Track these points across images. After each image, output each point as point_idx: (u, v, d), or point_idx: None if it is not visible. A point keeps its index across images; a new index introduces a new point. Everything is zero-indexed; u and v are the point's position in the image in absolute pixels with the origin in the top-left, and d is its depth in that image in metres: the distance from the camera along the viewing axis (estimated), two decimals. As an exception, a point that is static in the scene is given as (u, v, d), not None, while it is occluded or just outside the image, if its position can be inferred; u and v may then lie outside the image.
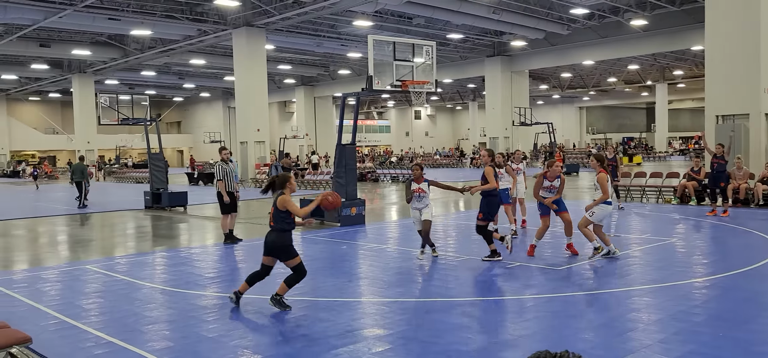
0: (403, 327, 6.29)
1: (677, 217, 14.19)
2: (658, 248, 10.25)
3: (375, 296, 7.78)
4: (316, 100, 55.31)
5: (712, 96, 17.49)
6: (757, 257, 9.16)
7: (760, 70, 16.41)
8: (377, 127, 75.54)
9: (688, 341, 5.57)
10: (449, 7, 27.83)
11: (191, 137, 69.92)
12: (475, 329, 6.10)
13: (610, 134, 73.16)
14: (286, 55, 41.45)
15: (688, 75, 50.47)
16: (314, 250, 11.19)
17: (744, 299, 6.95)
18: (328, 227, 13.97)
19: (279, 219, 6.84)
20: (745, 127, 16.66)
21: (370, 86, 13.18)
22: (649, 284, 7.86)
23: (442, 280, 8.44)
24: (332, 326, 6.33)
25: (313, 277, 8.79)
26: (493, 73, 41.22)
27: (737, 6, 16.71)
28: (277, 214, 6.85)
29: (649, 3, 29.12)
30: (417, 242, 9.98)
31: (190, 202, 19.76)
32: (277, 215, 6.85)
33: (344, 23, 31.67)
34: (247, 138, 32.00)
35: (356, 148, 16.78)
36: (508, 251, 9.11)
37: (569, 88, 58.21)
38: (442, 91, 63.09)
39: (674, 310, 6.58)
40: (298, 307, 7.13)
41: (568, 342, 5.69)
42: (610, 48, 36.11)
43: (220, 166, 12.10)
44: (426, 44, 14.18)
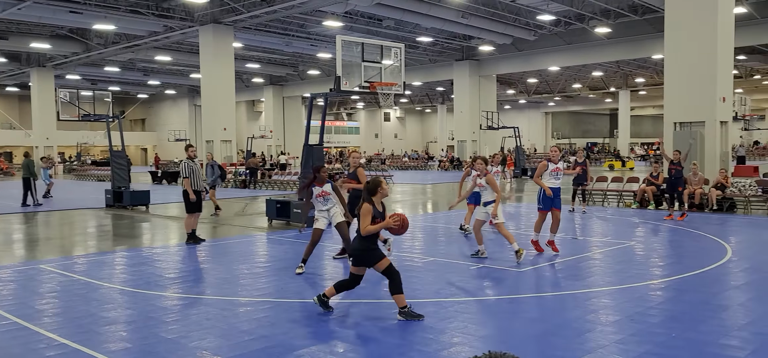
0: (370, 329, 6.29)
1: (636, 220, 14.51)
2: (617, 251, 10.47)
3: (339, 297, 7.75)
4: (285, 100, 54.96)
5: (671, 104, 17.95)
6: (710, 260, 9.43)
7: (716, 80, 16.91)
8: (346, 129, 75.42)
9: (644, 341, 5.70)
10: (419, 10, 27.98)
11: (155, 135, 68.75)
12: (436, 330, 6.13)
13: (574, 139, 74.47)
14: (255, 53, 41.08)
15: (650, 83, 51.70)
16: (279, 251, 11.12)
17: (698, 301, 7.15)
18: (294, 228, 13.88)
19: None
20: (701, 135, 17.14)
21: (338, 87, 13.16)
22: (607, 285, 8.03)
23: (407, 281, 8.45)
24: (294, 327, 6.30)
25: (276, 278, 8.73)
26: (461, 77, 41.57)
27: (695, 18, 17.18)
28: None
29: (613, 11, 29.74)
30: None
31: (152, 201, 19.41)
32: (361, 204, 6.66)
33: (314, 23, 31.55)
34: (214, 137, 31.60)
35: (324, 149, 16.71)
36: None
37: (536, 93, 59.04)
38: (412, 93, 63.35)
39: (631, 311, 6.72)
40: (261, 308, 7.07)
41: (527, 343, 5.77)
42: (575, 54, 36.78)
43: (186, 164, 11.91)
44: (394, 46, 14.22)
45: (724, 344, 5.62)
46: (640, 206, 16.90)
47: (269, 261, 10.09)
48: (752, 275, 8.52)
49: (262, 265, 9.78)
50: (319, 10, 28.39)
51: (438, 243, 11.94)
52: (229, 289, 8.09)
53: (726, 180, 16.26)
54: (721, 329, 6.06)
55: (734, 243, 11.10)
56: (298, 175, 15.26)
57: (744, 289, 7.78)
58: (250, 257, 10.59)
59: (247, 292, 7.93)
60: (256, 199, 21.38)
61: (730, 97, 18.43)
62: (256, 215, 16.85)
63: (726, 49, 17.34)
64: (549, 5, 28.08)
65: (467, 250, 10.59)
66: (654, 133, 68.85)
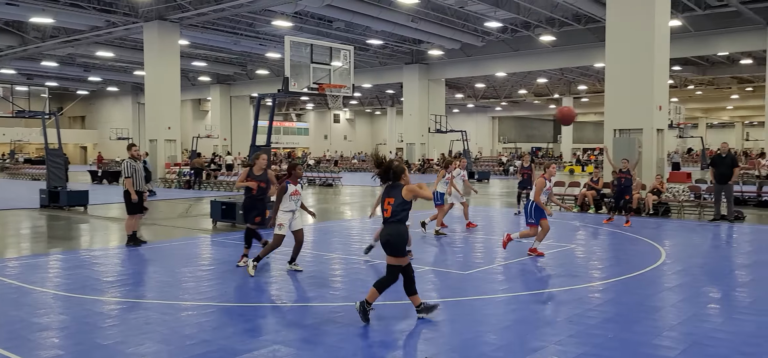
0: (313, 332, 6.25)
1: (577, 224, 14.95)
2: (558, 254, 10.75)
3: (283, 300, 7.69)
4: (233, 99, 54.07)
5: (611, 111, 18.59)
6: (645, 263, 9.81)
7: (653, 89, 17.61)
8: (295, 130, 74.80)
9: (582, 343, 5.88)
10: (369, 13, 28.05)
11: (97, 133, 66.43)
12: (380, 332, 6.15)
13: (520, 144, 76.15)
14: (202, 51, 40.25)
15: (592, 90, 53.37)
16: (223, 253, 10.92)
17: (633, 302, 7.42)
18: (240, 230, 13.66)
19: (400, 211, 6.44)
20: (639, 141, 17.81)
21: (286, 88, 13.06)
22: (549, 287, 8.24)
23: (351, 284, 8.45)
24: (237, 331, 6.20)
25: (220, 281, 8.58)
26: (410, 81, 41.90)
27: (633, 30, 17.86)
28: (399, 206, 6.43)
29: (557, 20, 30.57)
30: (329, 246, 9.96)
31: (91, 201, 18.74)
32: (398, 207, 6.44)
33: (263, 22, 31.16)
34: (158, 136, 30.78)
35: (272, 150, 16.54)
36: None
37: (483, 98, 60.09)
38: (362, 95, 63.43)
39: (571, 313, 6.92)
40: (204, 312, 6.93)
41: (469, 345, 5.86)
42: (521, 61, 37.63)
43: (128, 164, 11.54)
44: (344, 48, 14.21)
45: (657, 344, 5.85)
46: (581, 210, 17.42)
47: (213, 264, 9.90)
48: (684, 277, 8.90)
49: (206, 268, 9.58)
50: (268, 10, 28.07)
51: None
52: (170, 292, 7.89)
53: (661, 186, 16.94)
54: (654, 330, 6.30)
55: (668, 246, 11.57)
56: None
57: (676, 290, 8.12)
58: (193, 259, 10.37)
59: (190, 295, 7.76)
60: (201, 200, 20.94)
61: (666, 106, 19.25)
62: (200, 217, 16.50)
63: (662, 60, 18.09)
64: (496, 13, 28.63)
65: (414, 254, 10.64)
66: (595, 139, 71.07)
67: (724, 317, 6.82)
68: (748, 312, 6.95)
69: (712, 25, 29.70)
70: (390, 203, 6.43)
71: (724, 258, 10.94)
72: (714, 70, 43.02)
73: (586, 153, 61.55)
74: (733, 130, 77.29)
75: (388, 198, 6.46)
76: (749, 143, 71.99)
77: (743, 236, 13.15)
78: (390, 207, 6.42)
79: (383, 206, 6.49)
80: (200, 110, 63.97)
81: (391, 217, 6.41)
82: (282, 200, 8.76)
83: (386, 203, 6.47)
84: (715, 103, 63.94)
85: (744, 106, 63.64)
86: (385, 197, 6.51)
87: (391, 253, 6.39)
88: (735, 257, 10.96)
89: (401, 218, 6.42)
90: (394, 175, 6.51)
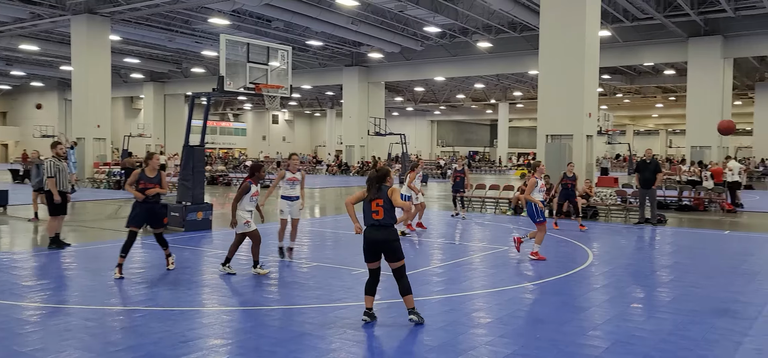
0: (243, 336, 6.14)
1: (511, 227, 15.32)
2: (491, 256, 10.99)
3: (216, 304, 7.52)
4: (167, 97, 52.54)
5: (544, 117, 19.17)
6: (574, 264, 10.16)
7: (583, 96, 18.27)
8: (232, 130, 73.39)
9: (513, 343, 6.02)
10: (309, 13, 27.86)
11: (18, 130, 63.05)
12: (315, 337, 6.11)
13: (458, 147, 77.46)
14: (135, 48, 38.88)
15: (526, 96, 54.92)
16: (153, 256, 10.57)
17: (561, 302, 7.67)
18: (171, 233, 13.27)
19: (390, 210, 6.32)
20: (570, 147, 18.43)
21: (222, 87, 12.80)
22: (482, 289, 8.40)
23: (288, 287, 8.36)
24: (167, 336, 6.02)
25: (149, 285, 8.30)
26: (350, 83, 41.89)
27: (565, 39, 18.47)
28: (389, 206, 6.31)
29: (494, 27, 31.29)
30: (264, 249, 9.81)
31: (11, 201, 17.78)
32: (389, 207, 6.31)
33: (199, 20, 30.44)
34: (86, 134, 29.54)
35: (207, 150, 16.16)
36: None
37: (422, 101, 60.79)
38: (301, 96, 62.91)
39: (502, 313, 7.08)
40: (130, 317, 6.69)
41: (402, 346, 5.90)
42: (459, 66, 38.30)
43: (52, 163, 11.02)
44: (282, 48, 14.05)
45: (582, 343, 6.07)
46: (515, 213, 17.87)
47: (142, 267, 9.57)
48: (610, 278, 9.27)
49: (135, 271, 9.25)
50: (205, 7, 27.44)
51: (325, 248, 11.93)
52: (95, 297, 7.58)
53: (590, 190, 17.60)
54: (580, 330, 6.53)
55: (595, 248, 12.03)
56: (178, 178, 14.62)
57: (602, 291, 8.45)
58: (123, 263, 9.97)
59: (116, 300, 7.48)
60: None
61: (596, 113, 20.01)
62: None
63: (592, 69, 18.80)
64: (435, 18, 29.02)
65: (349, 256, 10.65)
66: (530, 143, 73.16)
67: (646, 316, 7.15)
68: (668, 311, 7.30)
69: (638, 37, 31.13)
70: (380, 205, 6.36)
71: (647, 259, 11.47)
72: (640, 80, 45.13)
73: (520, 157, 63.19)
74: (657, 138, 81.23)
75: (377, 199, 6.38)
76: (672, 150, 75.85)
77: (665, 238, 13.83)
78: (381, 209, 6.35)
79: (371, 208, 6.40)
80: (132, 108, 61.83)
81: (384, 219, 6.35)
82: (242, 199, 8.61)
83: (375, 206, 6.38)
84: (641, 111, 67.07)
85: (668, 115, 67.05)
86: (372, 199, 6.40)
87: (396, 257, 6.39)
88: (657, 259, 11.51)
89: (393, 219, 6.41)
90: (380, 177, 6.50)
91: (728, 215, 18.31)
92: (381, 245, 6.37)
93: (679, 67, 38.38)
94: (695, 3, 26.75)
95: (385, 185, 6.43)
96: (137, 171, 8.88)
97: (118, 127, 54.23)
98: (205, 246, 11.74)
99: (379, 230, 6.36)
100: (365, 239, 6.43)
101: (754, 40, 29.19)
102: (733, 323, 6.76)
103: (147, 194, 8.64)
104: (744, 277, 9.26)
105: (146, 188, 8.65)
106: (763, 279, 9.13)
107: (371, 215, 6.38)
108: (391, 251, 6.36)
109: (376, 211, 6.36)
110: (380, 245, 6.37)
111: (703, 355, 5.74)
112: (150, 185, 8.68)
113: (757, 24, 28.16)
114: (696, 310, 7.30)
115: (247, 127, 74.67)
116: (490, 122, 78.81)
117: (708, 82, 29.48)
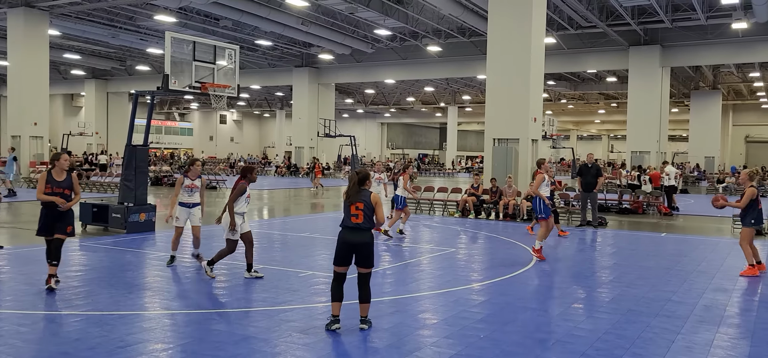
0: (185, 340, 6.00)
1: (458, 229, 15.54)
2: (439, 257, 11.11)
3: (157, 308, 7.33)
4: (110, 95, 50.86)
5: (491, 121, 19.52)
6: (518, 265, 10.38)
7: (529, 101, 18.71)
8: (179, 129, 71.67)
9: (457, 343, 6.10)
10: (258, 13, 27.51)
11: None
12: (259, 340, 6.03)
13: (407, 150, 77.99)
14: (76, 43, 37.49)
15: (475, 100, 55.78)
16: (93, 259, 10.23)
17: (505, 303, 7.82)
18: (113, 234, 12.88)
19: (370, 215, 6.18)
20: (516, 151, 18.84)
21: (166, 85, 12.52)
22: (429, 290, 8.48)
23: (233, 290, 8.23)
24: (103, 341, 5.83)
25: (87, 288, 8.02)
26: (300, 84, 41.58)
27: (512, 45, 18.89)
28: (369, 210, 6.18)
29: (443, 32, 31.66)
30: (209, 251, 9.64)
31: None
32: (369, 212, 6.17)
33: (144, 17, 29.61)
34: (21, 132, 28.30)
35: (151, 150, 15.74)
36: None
37: (372, 104, 60.90)
38: (250, 97, 62.03)
39: (448, 314, 7.17)
40: (66, 322, 6.45)
41: (349, 348, 5.89)
42: (409, 69, 38.56)
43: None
44: (229, 47, 13.84)
45: (523, 342, 6.21)
46: (462, 216, 18.12)
47: (81, 270, 9.24)
48: (552, 279, 9.52)
49: (73, 274, 8.91)
50: (150, 3, 26.70)
51: (272, 250, 11.79)
52: (28, 301, 7.27)
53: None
54: (522, 329, 6.67)
55: (539, 250, 12.30)
56: (121, 178, 14.17)
57: (544, 291, 8.67)
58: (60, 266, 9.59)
59: (52, 305, 7.19)
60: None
61: (541, 118, 20.52)
62: (69, 220, 15.33)
63: (537, 75, 19.27)
64: (385, 21, 29.14)
65: (296, 258, 10.56)
66: (478, 147, 74.35)
67: (585, 315, 7.36)
68: (606, 310, 7.55)
69: (582, 45, 32.09)
70: (359, 208, 6.30)
71: (588, 261, 11.81)
72: (584, 86, 46.53)
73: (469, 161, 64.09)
74: (600, 142, 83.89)
75: (358, 203, 6.32)
76: (613, 155, 78.48)
77: (606, 240, 14.29)
78: (361, 212, 6.29)
79: (350, 211, 6.34)
80: (73, 106, 59.62)
81: (363, 223, 6.30)
82: (238, 201, 8.40)
83: (354, 209, 6.32)
84: (584, 117, 69.15)
85: (610, 121, 69.34)
86: (352, 202, 6.34)
87: (367, 264, 6.36)
88: (597, 260, 11.87)
89: (371, 223, 6.36)
90: (360, 180, 6.45)
91: (665, 217, 19.07)
92: (356, 248, 6.32)
93: (620, 74, 39.75)
94: (636, 13, 27.77)
95: (365, 188, 6.41)
96: (44, 174, 8.01)
97: (56, 125, 52.21)
98: (148, 248, 11.43)
99: (355, 233, 6.32)
100: (340, 241, 6.39)
101: (689, 50, 30.54)
102: (667, 322, 7.04)
103: (53, 201, 7.76)
104: (678, 277, 9.67)
105: (54, 192, 7.76)
106: (696, 279, 9.55)
107: (350, 218, 6.35)
108: (365, 255, 6.34)
109: (355, 214, 6.33)
110: (355, 249, 6.33)
111: (637, 353, 5.96)
112: (58, 189, 7.78)
113: (693, 35, 29.48)
114: (633, 309, 7.57)
115: (193, 127, 73.08)
116: (440, 125, 79.69)
117: (647, 89, 30.65)
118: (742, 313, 7.65)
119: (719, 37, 29.08)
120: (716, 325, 6.99)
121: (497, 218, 17.47)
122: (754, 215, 9.80)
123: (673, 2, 26.86)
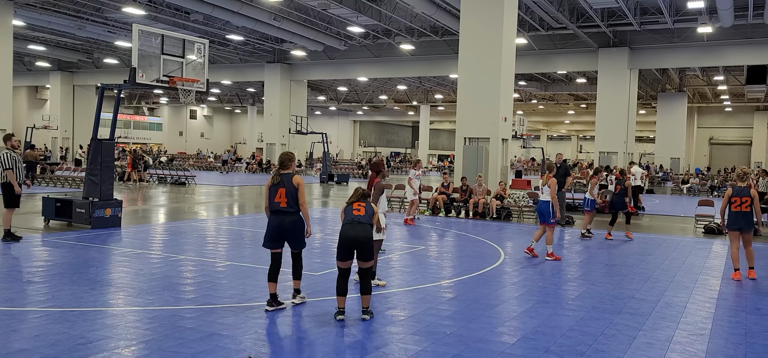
0: (149, 337, 5.91)
1: (428, 227, 15.61)
2: (408, 255, 11.15)
3: (121, 305, 7.21)
4: (77, 88, 49.77)
5: (462, 120, 19.65)
6: (486, 263, 10.48)
7: (499, 101, 18.88)
8: (147, 124, 70.51)
9: (424, 340, 6.13)
10: (230, 7, 27.20)
11: None
12: (225, 337, 5.98)
13: (380, 148, 78.05)
14: (40, 34, 36.60)
15: (447, 99, 56.09)
16: (56, 255, 10.00)
17: (472, 300, 7.88)
18: (77, 230, 12.62)
19: (370, 213, 6.23)
20: (486, 150, 19.00)
21: (133, 79, 12.31)
22: (398, 287, 8.50)
23: (200, 287, 8.13)
24: (64, 338, 5.71)
25: (49, 284, 7.85)
26: (272, 80, 41.28)
27: (483, 45, 19.05)
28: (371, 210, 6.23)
29: (416, 30, 31.74)
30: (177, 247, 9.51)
31: None
32: (370, 208, 6.22)
33: (112, 8, 29.03)
34: (-17, 125, 27.57)
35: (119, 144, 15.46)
36: None
37: (345, 101, 60.77)
38: (221, 92, 61.36)
39: (416, 311, 7.20)
40: (27, 318, 6.29)
41: (313, 344, 5.88)
42: (382, 67, 38.57)
43: (7, 155, 11.04)
44: (198, 41, 13.67)
45: (489, 339, 6.27)
46: (433, 214, 18.21)
47: (43, 266, 9.03)
48: (519, 276, 9.63)
49: (34, 270, 8.72)
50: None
51: (242, 247, 11.68)
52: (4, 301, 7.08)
53: (504, 191, 18.20)
54: (488, 326, 6.74)
55: (508, 248, 12.45)
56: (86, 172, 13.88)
57: (511, 289, 8.76)
58: (19, 261, 9.38)
59: (11, 301, 7.01)
60: (33, 196, 19.02)
61: (511, 118, 20.72)
62: (30, 215, 14.98)
63: (508, 75, 19.46)
64: (359, 18, 29.09)
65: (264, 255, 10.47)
66: (450, 146, 74.81)
67: (551, 312, 7.46)
68: (571, 307, 7.67)
69: (552, 46, 32.51)
70: (361, 206, 6.46)
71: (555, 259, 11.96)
72: (554, 87, 47.14)
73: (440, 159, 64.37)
74: (569, 143, 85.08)
75: (360, 202, 6.48)
76: (582, 155, 79.68)
77: (573, 238, 14.50)
78: (362, 208, 6.45)
79: (353, 208, 6.47)
80: (37, 98, 58.22)
81: (364, 216, 6.45)
82: (380, 200, 8.15)
83: (356, 206, 6.46)
84: (554, 117, 70.07)
85: (579, 121, 70.40)
86: (355, 202, 6.47)
87: (367, 258, 6.51)
88: (564, 258, 12.03)
89: (371, 218, 6.49)
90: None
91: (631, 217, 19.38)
92: (358, 242, 6.48)
93: (590, 75, 40.38)
94: (605, 15, 28.23)
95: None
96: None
97: (20, 118, 50.97)
98: (113, 244, 11.23)
99: (357, 226, 6.48)
100: (342, 236, 6.56)
101: (656, 53, 31.17)
102: (629, 319, 7.18)
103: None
104: (641, 275, 9.87)
105: None
106: (659, 277, 9.76)
107: (352, 212, 6.56)
108: (367, 250, 6.53)
109: (358, 209, 6.56)
110: (356, 243, 6.48)
111: (599, 349, 6.07)
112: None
113: (660, 38, 30.09)
114: (596, 306, 7.70)
115: (162, 121, 71.98)
116: (412, 124, 79.96)
117: (616, 90, 31.19)
118: (700, 311, 7.85)
119: (685, 40, 29.76)
120: (676, 322, 7.15)
121: (467, 217, 17.60)
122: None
123: (642, 5, 27.38)
